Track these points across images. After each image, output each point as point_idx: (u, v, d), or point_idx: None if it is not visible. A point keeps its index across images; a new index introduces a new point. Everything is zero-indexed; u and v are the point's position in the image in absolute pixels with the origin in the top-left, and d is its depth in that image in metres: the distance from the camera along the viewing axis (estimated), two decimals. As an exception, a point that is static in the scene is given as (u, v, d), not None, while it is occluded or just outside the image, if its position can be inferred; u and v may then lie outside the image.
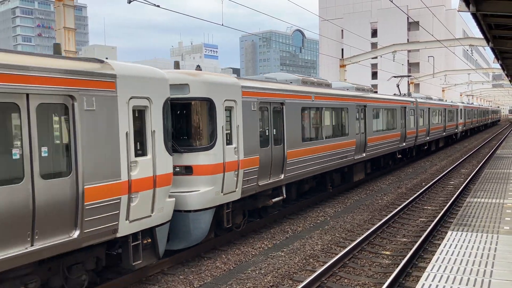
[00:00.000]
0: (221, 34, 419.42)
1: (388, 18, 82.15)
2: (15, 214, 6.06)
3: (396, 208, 14.65)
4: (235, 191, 10.58)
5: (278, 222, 13.36)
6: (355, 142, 17.59)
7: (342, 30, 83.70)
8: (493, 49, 16.09)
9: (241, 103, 10.84)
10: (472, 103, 63.18)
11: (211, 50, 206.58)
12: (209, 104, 9.92)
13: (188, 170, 9.72)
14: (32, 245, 6.29)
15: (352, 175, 18.33)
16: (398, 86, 31.22)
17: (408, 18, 78.71)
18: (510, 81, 38.73)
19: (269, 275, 9.05)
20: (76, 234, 6.87)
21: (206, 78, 10.03)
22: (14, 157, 6.14)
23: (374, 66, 77.92)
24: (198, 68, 11.17)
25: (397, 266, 9.07)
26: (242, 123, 10.83)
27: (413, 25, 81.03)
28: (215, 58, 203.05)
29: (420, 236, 11.30)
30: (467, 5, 9.71)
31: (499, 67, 26.24)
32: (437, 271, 6.83)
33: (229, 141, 10.42)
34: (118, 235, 7.61)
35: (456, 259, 7.35)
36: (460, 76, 73.46)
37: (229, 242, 11.36)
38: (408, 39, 79.98)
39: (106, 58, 8.01)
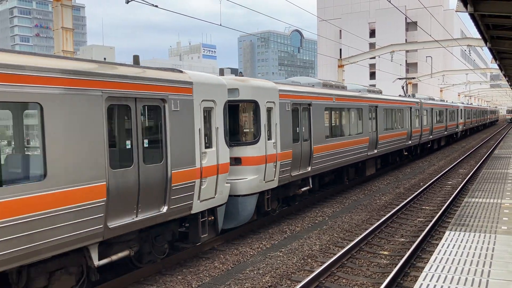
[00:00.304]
0: (219, 34, 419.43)
1: (386, 19, 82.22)
2: (128, 190, 7.83)
3: (394, 208, 14.67)
4: (273, 180, 12.38)
5: (276, 222, 13.36)
6: (368, 139, 19.25)
7: (340, 30, 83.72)
8: (491, 50, 16.12)
9: (278, 104, 12.59)
10: (471, 104, 64.82)
11: (209, 50, 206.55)
12: (255, 105, 11.80)
13: (237, 161, 11.47)
14: (136, 216, 8.03)
15: (365, 170, 20.06)
16: (403, 87, 33.42)
17: (406, 18, 78.82)
18: (507, 81, 38.81)
19: (267, 275, 9.05)
20: (165, 209, 8.62)
21: (252, 84, 11.86)
22: (127, 147, 7.96)
23: (372, 66, 77.94)
24: (241, 74, 14.14)
25: (395, 266, 9.09)
26: (279, 121, 12.59)
27: (411, 25, 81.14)
28: (213, 58, 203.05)
29: (418, 236, 11.32)
30: (465, 5, 9.73)
31: (497, 67, 26.29)
32: (435, 271, 6.84)
33: (269, 137, 12.17)
34: (192, 212, 9.42)
35: (454, 259, 7.37)
36: (458, 76, 73.59)
37: (227, 242, 11.36)
38: (406, 39, 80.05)
39: (104, 59, 8.44)
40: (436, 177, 20.49)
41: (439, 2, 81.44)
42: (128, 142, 7.96)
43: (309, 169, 14.30)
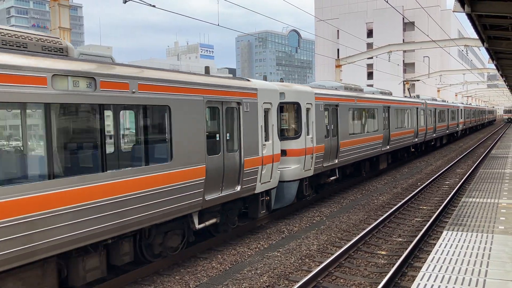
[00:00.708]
0: (217, 34, 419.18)
1: (383, 19, 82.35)
2: (217, 172, 10.25)
3: (391, 208, 14.68)
4: (310, 169, 14.58)
5: (273, 222, 13.36)
6: (382, 136, 21.46)
7: (337, 31, 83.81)
8: (488, 50, 16.16)
9: (314, 105, 14.75)
10: (470, 104, 66.95)
11: (207, 50, 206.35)
12: (297, 106, 14.03)
13: (283, 152, 13.33)
14: (221, 192, 10.43)
15: (379, 164, 22.16)
16: (408, 89, 36.71)
17: (403, 18, 78.91)
18: (505, 81, 38.90)
19: (265, 275, 9.05)
20: (238, 188, 10.99)
21: (295, 88, 14.30)
22: (217, 139, 10.34)
23: (369, 66, 78.03)
24: (281, 80, 16.73)
25: (393, 266, 9.10)
26: (315, 120, 14.74)
27: (408, 25, 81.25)
28: (211, 58, 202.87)
29: (416, 236, 11.33)
30: (462, 5, 9.74)
31: (494, 67, 26.35)
32: (433, 270, 6.85)
33: (308, 133, 14.38)
34: (255, 192, 11.78)
35: (451, 258, 7.38)
36: (455, 76, 73.74)
37: (224, 242, 11.36)
38: (403, 40, 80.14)
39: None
40: (434, 177, 20.53)
41: (436, 2, 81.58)
42: (217, 135, 10.42)
43: (336, 161, 16.57)
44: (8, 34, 6.88)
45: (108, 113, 7.83)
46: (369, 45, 72.67)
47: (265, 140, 12.03)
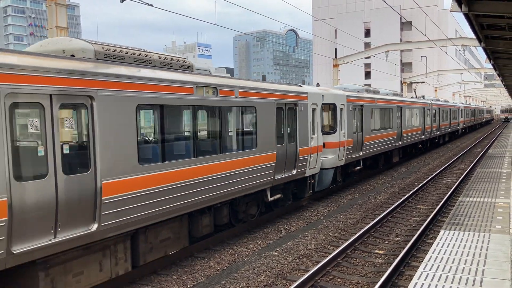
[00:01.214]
0: (215, 33, 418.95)
1: (381, 18, 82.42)
2: (282, 158, 12.89)
3: (389, 208, 14.70)
4: (342, 159, 17.24)
5: (271, 222, 13.36)
6: (396, 133, 24.33)
7: (335, 30, 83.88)
8: (485, 49, 16.17)
9: (346, 106, 17.45)
10: (469, 104, 69.36)
11: (204, 50, 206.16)
12: (334, 106, 16.85)
13: (322, 145, 15.79)
14: (284, 174, 13.14)
15: (392, 158, 25.00)
16: (415, 90, 38.74)
17: (401, 18, 79.03)
18: (502, 81, 38.96)
19: (262, 275, 9.05)
20: (295, 171, 13.68)
21: (332, 92, 17.10)
22: (282, 132, 13.06)
23: (367, 66, 78.17)
24: (317, 84, 19.42)
25: (390, 265, 9.11)
26: (346, 118, 17.40)
27: (406, 25, 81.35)
28: (209, 57, 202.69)
29: (413, 235, 11.35)
30: (460, 5, 9.75)
31: (491, 67, 26.38)
32: (430, 270, 6.86)
33: (341, 129, 17.03)
34: (305, 175, 14.44)
35: (448, 258, 7.39)
36: (452, 76, 73.87)
37: (222, 242, 11.35)
38: (401, 39, 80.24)
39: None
40: (431, 177, 20.56)
41: (433, 2, 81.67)
42: (282, 129, 13.07)
43: (361, 153, 19.36)
44: (163, 57, 9.47)
45: (223, 112, 10.82)
46: (367, 45, 72.71)
47: (312, 134, 14.80)
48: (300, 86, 14.83)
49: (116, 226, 7.80)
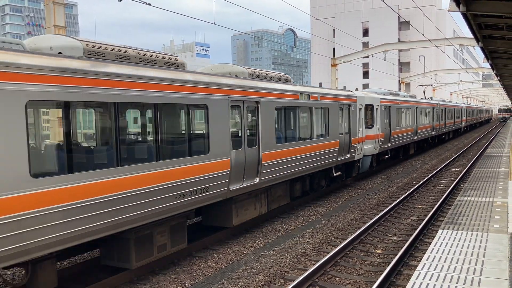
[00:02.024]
0: (213, 33, 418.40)
1: (379, 18, 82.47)
2: (342, 145, 16.98)
3: (387, 207, 14.71)
4: (377, 149, 21.29)
5: (269, 221, 13.36)
6: (413, 129, 28.75)
7: (333, 30, 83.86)
8: (483, 49, 16.18)
9: (379, 106, 21.72)
10: (470, 104, 75.64)
11: (202, 49, 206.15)
12: (372, 107, 20.81)
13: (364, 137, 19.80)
14: (341, 157, 17.03)
15: (409, 150, 29.56)
16: (424, 92, 44.22)
17: (399, 17, 79.08)
18: (499, 80, 39.01)
19: (260, 274, 9.05)
20: (348, 156, 17.57)
21: (370, 95, 21.19)
22: (340, 125, 17.08)
23: (365, 65, 78.19)
24: (356, 89, 22.06)
25: (388, 265, 9.11)
26: (379, 116, 21.58)
27: (404, 24, 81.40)
28: (207, 57, 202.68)
29: (411, 235, 11.36)
30: (458, 5, 9.76)
31: (489, 66, 26.41)
32: (428, 269, 6.87)
33: (376, 124, 21.12)
34: (355, 159, 18.42)
35: (446, 257, 7.40)
36: (450, 76, 73.91)
37: (220, 241, 11.34)
38: (399, 39, 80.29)
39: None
40: (429, 176, 20.59)
41: (431, 1, 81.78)
42: (342, 124, 17.13)
43: (389, 144, 23.62)
44: (266, 74, 13.57)
45: (312, 111, 14.92)
46: (365, 44, 72.79)
47: (359, 128, 18.88)
48: (351, 91, 19.54)
49: (268, 180, 12.22)
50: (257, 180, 11.69)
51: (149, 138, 8.71)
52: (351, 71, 73.64)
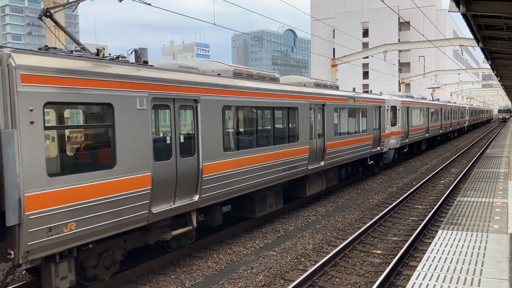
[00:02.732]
0: (213, 33, 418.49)
1: (379, 18, 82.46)
2: (374, 139, 20.98)
3: (387, 207, 14.71)
4: (398, 143, 24.87)
5: (269, 222, 13.36)
6: (425, 127, 32.85)
7: (333, 30, 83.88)
8: (483, 49, 16.19)
9: (401, 107, 25.48)
10: (472, 104, 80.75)
11: (202, 49, 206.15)
12: (395, 108, 24.65)
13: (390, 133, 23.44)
14: (374, 149, 20.97)
15: (421, 146, 33.59)
16: (432, 94, 48.82)
17: (399, 18, 79.07)
18: (499, 81, 39.02)
19: (260, 275, 9.05)
20: (378, 148, 21.36)
21: (394, 98, 24.90)
22: (373, 123, 20.98)
23: (365, 65, 78.18)
24: (380, 93, 25.33)
25: (388, 265, 9.11)
26: (401, 115, 25.36)
27: (404, 25, 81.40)
28: (207, 57, 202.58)
29: (411, 235, 11.36)
30: (457, 5, 9.76)
31: (489, 67, 26.42)
32: (428, 270, 6.87)
33: (398, 122, 24.74)
34: (383, 151, 22.08)
35: (446, 257, 7.40)
36: (450, 76, 73.91)
37: (220, 242, 11.35)
38: (399, 39, 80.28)
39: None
40: (429, 176, 20.59)
41: (431, 2, 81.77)
42: (375, 122, 20.66)
43: (407, 140, 27.36)
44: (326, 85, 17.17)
45: (355, 112, 18.60)
46: (365, 45, 72.76)
47: (386, 125, 22.43)
48: (380, 94, 23.93)
49: (331, 163, 16.16)
50: (323, 163, 15.61)
51: (269, 130, 12.40)
52: (351, 71, 73.65)
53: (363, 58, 44.33)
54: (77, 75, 7.06)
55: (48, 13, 9.24)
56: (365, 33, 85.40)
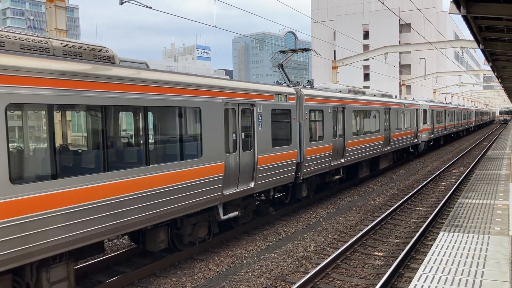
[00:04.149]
0: (214, 35, 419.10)
1: (379, 20, 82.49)
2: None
3: (388, 209, 14.70)
4: (427, 138, 32.37)
5: (270, 224, 13.36)
6: (443, 126, 39.41)
7: (334, 32, 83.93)
8: (483, 51, 16.19)
9: (429, 110, 32.83)
10: (477, 107, 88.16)
11: (203, 52, 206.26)
12: (425, 110, 31.92)
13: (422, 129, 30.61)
14: (414, 141, 29.09)
15: (440, 141, 40.04)
16: (445, 98, 58.48)
17: (399, 20, 79.09)
18: (500, 83, 39.03)
19: (262, 277, 9.05)
20: (416, 140, 29.10)
21: (425, 103, 32.96)
22: (416, 122, 29.76)
23: (366, 67, 78.17)
24: (413, 99, 33.67)
25: (390, 267, 9.11)
26: (429, 116, 32.73)
27: (404, 27, 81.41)
28: (208, 59, 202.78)
29: (412, 237, 11.35)
30: (458, 7, 9.76)
31: (490, 69, 26.43)
32: (429, 272, 6.87)
33: (428, 122, 32.33)
34: (418, 143, 30.08)
35: (447, 260, 7.40)
36: (451, 78, 73.89)
37: (221, 244, 11.34)
38: (399, 41, 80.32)
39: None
40: (430, 178, 20.57)
41: (432, 4, 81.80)
42: (416, 121, 28.77)
43: (432, 136, 34.28)
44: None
45: (405, 113, 26.42)
46: (366, 47, 72.82)
47: (420, 123, 28.55)
48: (415, 100, 31.41)
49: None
50: (389, 147, 22.81)
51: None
52: (352, 73, 73.60)
53: (364, 60, 44.38)
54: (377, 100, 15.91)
55: None
56: (366, 35, 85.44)
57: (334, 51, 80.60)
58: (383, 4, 21.54)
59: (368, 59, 45.88)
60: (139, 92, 8.14)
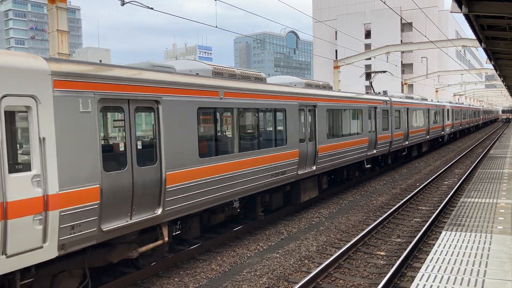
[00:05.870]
0: (216, 36, 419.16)
1: (381, 20, 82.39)
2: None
3: (390, 209, 14.69)
4: (449, 131, 41.22)
5: (273, 224, 13.36)
6: (459, 123, 45.53)
7: (335, 32, 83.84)
8: (485, 50, 16.15)
9: (450, 109, 41.01)
10: (483, 106, 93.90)
11: (205, 52, 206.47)
12: (448, 110, 40.37)
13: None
14: (440, 134, 37.23)
15: (456, 135, 44.90)
16: (458, 99, 64.03)
17: (401, 19, 78.98)
18: (502, 81, 38.97)
19: (264, 277, 9.05)
20: (443, 132, 38.21)
21: (448, 104, 41.46)
22: (442, 119, 38.33)
23: (367, 67, 78.10)
24: (437, 100, 42.21)
25: (392, 267, 9.10)
26: (450, 114, 41.02)
27: (406, 26, 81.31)
28: (209, 60, 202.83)
29: (415, 237, 11.34)
30: (460, 6, 9.75)
31: (492, 67, 26.37)
32: (432, 271, 6.86)
33: (449, 119, 40.86)
34: (443, 134, 39.18)
35: (450, 259, 7.39)
36: (453, 77, 73.74)
37: (224, 244, 11.35)
38: (401, 40, 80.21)
39: (100, 61, 8.63)
40: (432, 177, 20.55)
41: (434, 3, 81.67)
42: (441, 118, 37.20)
43: (452, 129, 41.54)
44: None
45: (436, 112, 35.23)
46: (367, 46, 72.72)
47: (445, 120, 36.20)
48: (440, 101, 36.69)
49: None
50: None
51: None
52: (354, 73, 73.55)
53: (366, 59, 44.35)
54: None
55: None
56: (368, 34, 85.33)
57: (336, 50, 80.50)
58: (385, 3, 21.51)
59: (370, 59, 45.84)
60: (266, 99, 12.18)
